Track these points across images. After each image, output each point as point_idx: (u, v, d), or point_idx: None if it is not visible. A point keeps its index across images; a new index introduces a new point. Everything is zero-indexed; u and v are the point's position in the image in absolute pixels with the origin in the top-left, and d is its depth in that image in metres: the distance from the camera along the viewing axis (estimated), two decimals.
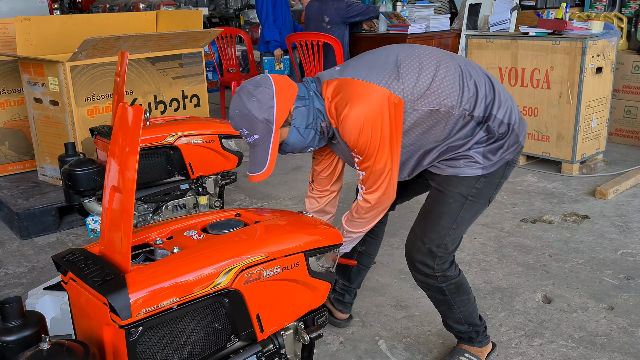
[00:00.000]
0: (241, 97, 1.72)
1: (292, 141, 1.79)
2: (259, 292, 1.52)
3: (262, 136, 1.72)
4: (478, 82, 1.85)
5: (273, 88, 1.72)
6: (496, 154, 1.83)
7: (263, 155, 1.74)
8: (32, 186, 3.76)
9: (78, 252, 1.44)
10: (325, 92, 1.81)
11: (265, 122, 1.70)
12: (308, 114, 1.78)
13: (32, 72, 3.56)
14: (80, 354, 1.22)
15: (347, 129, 1.75)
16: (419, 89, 1.78)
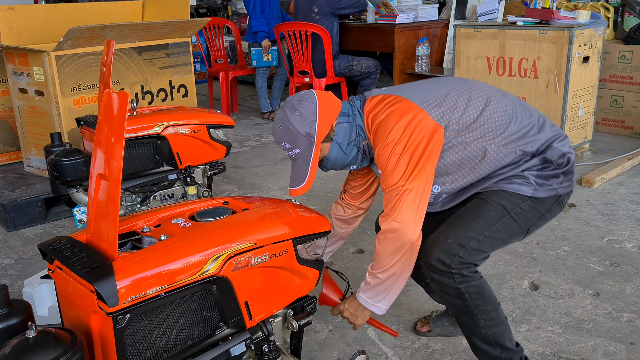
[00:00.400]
0: (285, 111, 1.74)
1: (334, 157, 1.79)
2: (247, 279, 1.52)
3: (303, 150, 1.73)
4: (530, 120, 1.79)
5: (316, 103, 1.74)
6: (550, 180, 1.74)
7: (303, 169, 1.74)
8: (18, 177, 3.72)
9: (64, 240, 1.43)
10: (366, 106, 1.81)
11: (306, 136, 1.72)
12: (350, 130, 1.78)
13: (16, 61, 3.52)
14: (67, 341, 1.21)
15: (378, 136, 1.72)
16: (465, 121, 1.72)
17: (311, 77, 5.11)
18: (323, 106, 1.74)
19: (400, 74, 5.27)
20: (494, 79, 4.30)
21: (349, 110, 1.81)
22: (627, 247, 2.87)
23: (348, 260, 2.86)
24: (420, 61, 5.17)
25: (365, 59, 5.31)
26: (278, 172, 4.28)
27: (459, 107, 1.73)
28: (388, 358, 2.11)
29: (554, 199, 1.76)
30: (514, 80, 4.19)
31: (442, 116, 1.70)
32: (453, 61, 4.58)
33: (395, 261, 1.70)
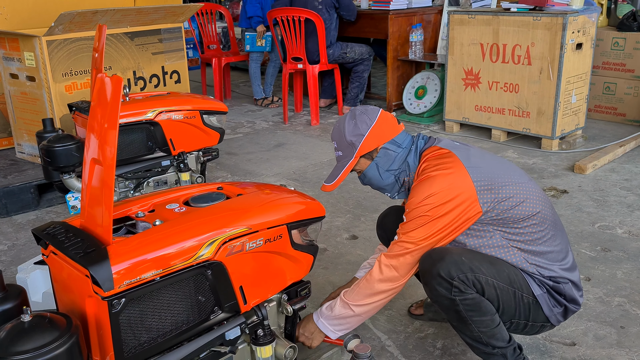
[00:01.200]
0: (347, 115, 1.86)
1: (370, 175, 1.86)
2: (242, 264, 1.52)
3: (344, 155, 1.84)
4: (562, 250, 1.81)
5: (373, 122, 1.81)
6: (553, 302, 1.78)
7: (337, 171, 1.84)
8: (9, 164, 3.70)
9: (58, 225, 1.43)
10: (428, 151, 1.82)
11: (350, 145, 1.81)
12: (394, 160, 1.83)
13: (7, 46, 3.48)
14: (62, 325, 1.22)
15: (422, 185, 1.72)
16: (507, 217, 1.73)
17: (305, 64, 5.10)
18: (379, 127, 1.81)
19: (394, 61, 5.26)
20: (487, 66, 4.30)
21: (404, 143, 1.85)
22: (618, 232, 2.90)
23: (342, 247, 2.87)
24: (414, 47, 5.15)
25: (358, 45, 5.29)
26: (271, 159, 4.28)
27: (510, 203, 1.72)
28: (382, 342, 2.13)
29: (543, 319, 1.78)
30: (507, 67, 4.20)
31: (489, 202, 1.70)
32: (447, 47, 4.57)
33: (377, 300, 1.78)
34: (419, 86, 5.07)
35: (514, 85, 4.20)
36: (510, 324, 1.78)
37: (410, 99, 5.11)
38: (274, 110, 5.78)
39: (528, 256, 1.75)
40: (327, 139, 4.75)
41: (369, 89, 6.18)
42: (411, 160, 1.84)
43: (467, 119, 4.57)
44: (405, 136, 1.87)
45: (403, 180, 1.86)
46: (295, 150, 4.46)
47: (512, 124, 4.30)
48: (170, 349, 1.43)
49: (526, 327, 1.80)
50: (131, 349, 1.35)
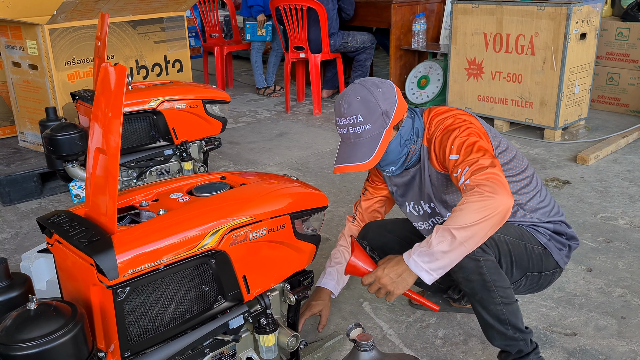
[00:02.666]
0: (365, 86, 1.69)
1: (391, 148, 1.74)
2: (245, 253, 1.53)
3: (375, 128, 1.67)
4: (552, 203, 1.91)
5: (395, 89, 1.73)
6: (559, 245, 1.85)
7: (369, 147, 1.67)
8: (12, 152, 3.70)
9: (63, 214, 1.43)
10: (425, 113, 1.82)
11: (384, 114, 1.67)
12: (411, 129, 1.76)
13: (9, 35, 3.47)
14: (68, 313, 1.23)
15: (444, 123, 1.74)
16: (506, 170, 1.78)
17: (307, 53, 5.08)
18: (399, 95, 1.73)
19: (397, 50, 5.24)
20: (490, 55, 4.28)
21: (410, 112, 1.81)
22: (620, 223, 2.90)
23: None
24: (416, 37, 5.13)
25: (360, 33, 5.27)
26: (274, 148, 4.28)
27: (507, 155, 1.79)
28: (383, 332, 2.14)
29: (554, 265, 1.85)
30: (510, 57, 4.18)
31: (494, 147, 1.75)
32: (450, 37, 4.55)
33: (481, 220, 1.48)
34: (421, 76, 5.06)
35: (517, 75, 4.18)
36: (526, 279, 1.81)
37: (412, 89, 5.09)
38: (276, 100, 5.78)
39: (523, 203, 1.81)
40: (329, 128, 4.74)
41: None
42: (419, 124, 1.78)
43: (469, 109, 4.56)
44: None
45: (408, 154, 1.80)
46: (298, 140, 4.46)
47: (514, 114, 4.29)
48: (174, 337, 1.44)
49: (540, 278, 1.84)
50: (135, 337, 1.36)
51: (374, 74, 6.29)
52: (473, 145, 1.64)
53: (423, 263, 1.51)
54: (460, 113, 1.76)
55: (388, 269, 1.57)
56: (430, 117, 1.79)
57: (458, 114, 1.75)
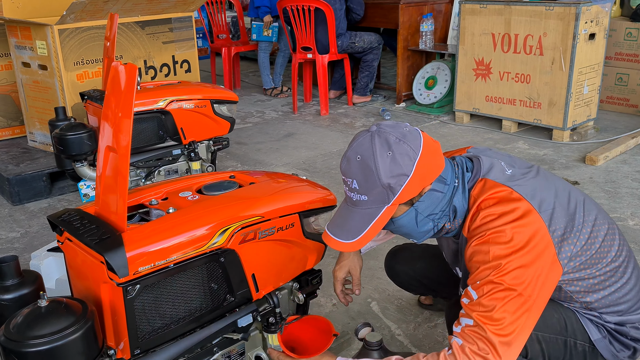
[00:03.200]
0: (374, 142, 1.29)
1: (402, 224, 1.38)
2: (254, 252, 1.54)
3: (372, 202, 1.30)
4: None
5: (418, 153, 1.29)
6: (617, 345, 1.48)
7: (360, 223, 1.32)
8: (22, 152, 3.73)
9: (74, 212, 1.44)
10: (476, 190, 1.38)
11: (386, 188, 1.28)
12: (438, 204, 1.37)
13: (19, 35, 3.50)
14: (78, 311, 1.23)
15: (486, 247, 1.30)
16: (574, 262, 1.38)
17: (314, 54, 5.08)
18: (425, 161, 1.30)
19: (404, 51, 5.24)
20: (498, 56, 4.27)
21: (449, 177, 1.38)
22: (630, 224, 2.88)
23: None
24: (424, 37, 5.13)
25: (367, 34, 5.27)
26: (281, 149, 4.29)
27: (587, 253, 1.38)
28: (392, 331, 2.14)
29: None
30: (519, 57, 4.17)
31: (567, 257, 1.35)
32: (458, 37, 4.54)
33: None
34: (429, 76, 5.05)
35: (525, 75, 4.17)
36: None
37: (420, 90, 5.09)
38: (283, 100, 5.78)
39: (590, 302, 1.44)
40: (337, 129, 4.74)
41: (379, 79, 6.16)
42: (458, 202, 1.39)
43: (477, 110, 4.55)
44: (449, 168, 1.39)
45: (442, 227, 1.42)
46: (305, 140, 4.46)
47: (523, 114, 4.27)
48: (184, 335, 1.45)
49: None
50: (145, 334, 1.36)
51: (381, 75, 6.29)
52: (501, 301, 1.25)
53: None
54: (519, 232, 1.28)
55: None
56: (478, 204, 1.36)
57: (515, 233, 1.28)
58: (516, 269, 1.25)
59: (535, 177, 1.43)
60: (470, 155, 1.49)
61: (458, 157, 1.47)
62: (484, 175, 1.40)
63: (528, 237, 1.28)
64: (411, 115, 5.02)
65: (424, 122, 4.83)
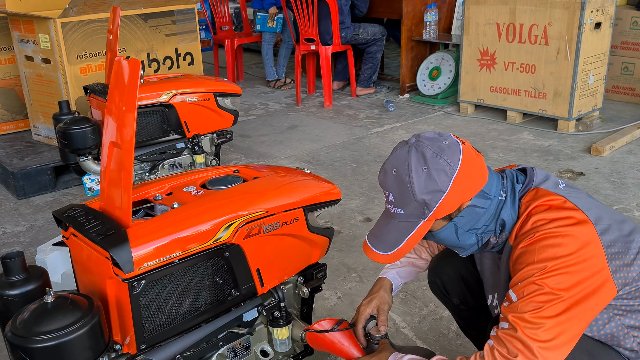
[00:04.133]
0: (410, 156, 1.26)
1: (442, 237, 1.34)
2: (259, 246, 1.53)
3: (408, 216, 1.28)
4: None
5: (456, 169, 1.24)
6: None
7: (397, 235, 1.30)
8: (26, 146, 3.73)
9: (78, 208, 1.44)
10: (528, 198, 1.31)
11: (422, 204, 1.25)
12: (480, 218, 1.31)
13: (22, 29, 3.49)
14: (84, 306, 1.23)
15: (536, 249, 1.22)
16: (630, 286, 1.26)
17: (317, 45, 5.06)
18: (463, 177, 1.25)
19: (408, 41, 5.21)
20: (503, 46, 4.24)
21: (493, 191, 1.31)
22: (636, 215, 2.87)
23: (356, 229, 2.88)
24: (428, 28, 5.10)
25: (371, 25, 5.24)
26: (285, 141, 4.28)
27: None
28: (396, 324, 2.14)
29: None
30: (523, 47, 4.14)
31: (623, 276, 1.24)
32: (462, 28, 4.51)
33: None
34: (433, 67, 5.03)
35: (530, 65, 4.14)
36: None
37: (424, 80, 5.07)
38: (287, 92, 5.77)
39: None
40: (341, 120, 4.73)
41: (382, 70, 6.13)
42: (507, 215, 1.31)
43: (481, 101, 4.53)
44: (495, 182, 1.32)
45: (487, 241, 1.35)
46: (309, 132, 4.46)
47: (528, 105, 4.25)
48: (189, 330, 1.45)
49: None
50: (151, 329, 1.37)
51: (384, 66, 6.26)
52: (540, 304, 1.17)
53: None
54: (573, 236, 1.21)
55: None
56: (529, 210, 1.29)
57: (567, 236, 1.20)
58: (563, 273, 1.17)
59: (590, 197, 1.36)
60: (522, 167, 1.43)
61: (508, 170, 1.41)
62: (537, 185, 1.33)
63: (581, 244, 1.20)
64: (415, 107, 5.00)
65: (428, 113, 4.81)
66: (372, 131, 4.41)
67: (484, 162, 1.33)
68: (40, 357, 1.16)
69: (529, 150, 3.79)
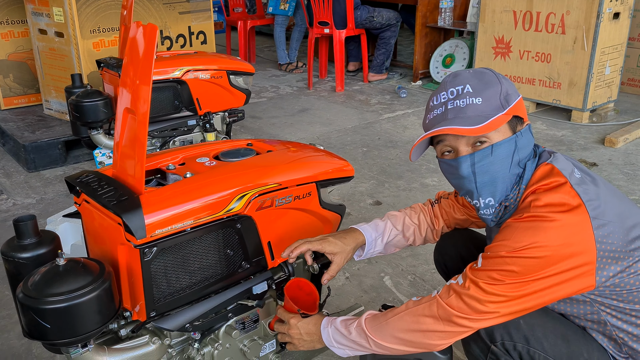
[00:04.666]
0: (482, 68, 1.31)
1: (500, 152, 1.24)
2: (270, 219, 1.52)
3: (486, 106, 1.23)
4: None
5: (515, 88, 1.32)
6: None
7: (479, 112, 1.23)
8: (37, 120, 3.73)
9: (91, 174, 1.43)
10: (539, 173, 1.27)
11: (504, 95, 1.24)
12: (528, 147, 1.28)
13: (36, 2, 3.48)
14: (96, 270, 1.23)
15: (520, 227, 1.19)
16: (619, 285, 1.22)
17: (331, 28, 5.02)
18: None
19: (422, 27, 5.16)
20: (519, 34, 4.19)
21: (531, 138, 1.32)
22: None
23: (365, 212, 2.86)
24: (443, 14, 5.04)
25: (386, 10, 5.20)
26: (295, 124, 4.26)
27: None
28: None
29: None
30: (539, 36, 4.09)
31: (611, 277, 1.19)
32: (478, 15, 4.46)
33: (401, 348, 1.31)
34: (447, 54, 4.98)
35: (545, 54, 4.09)
36: None
37: (437, 67, 5.02)
38: (298, 76, 5.74)
39: (631, 344, 1.27)
40: (352, 105, 4.70)
41: (395, 57, 6.08)
42: (529, 168, 1.28)
43: None
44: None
45: (512, 197, 1.28)
46: (320, 116, 4.43)
47: (542, 94, 4.21)
48: (199, 299, 1.45)
49: None
50: (161, 297, 1.36)
51: (397, 53, 6.21)
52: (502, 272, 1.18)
53: (335, 341, 1.39)
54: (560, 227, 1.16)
55: (303, 325, 1.44)
56: (534, 187, 1.24)
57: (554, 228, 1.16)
58: (535, 258, 1.15)
59: (607, 192, 1.26)
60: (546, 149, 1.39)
61: None
62: (550, 160, 1.28)
63: (566, 236, 1.15)
64: (427, 94, 4.96)
65: None
66: (383, 116, 4.38)
67: None
68: (51, 318, 1.16)
69: (542, 140, 3.76)
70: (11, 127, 3.60)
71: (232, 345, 1.56)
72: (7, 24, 3.85)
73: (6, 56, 3.89)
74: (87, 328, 1.20)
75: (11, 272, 1.36)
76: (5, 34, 3.86)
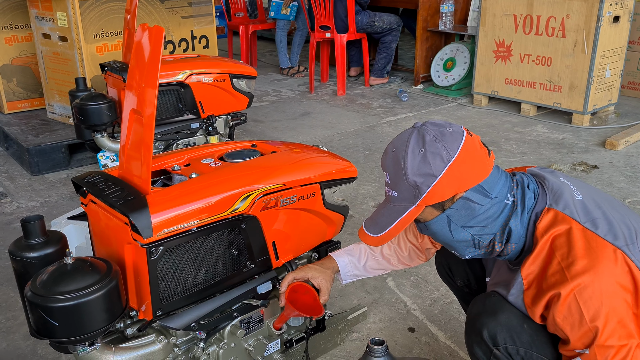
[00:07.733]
0: (411, 137, 1.24)
1: (435, 230, 1.29)
2: (275, 219, 1.54)
3: (401, 199, 1.24)
4: None
5: (453, 156, 1.20)
6: None
7: (388, 219, 1.27)
8: (41, 123, 3.75)
9: (98, 175, 1.45)
10: (545, 223, 1.23)
11: (413, 187, 1.22)
12: (476, 215, 1.25)
13: (39, 6, 3.50)
14: (103, 269, 1.24)
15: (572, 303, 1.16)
16: None
17: (332, 33, 5.05)
18: (460, 165, 1.20)
19: (423, 32, 5.18)
20: (520, 38, 4.21)
21: (496, 190, 1.25)
22: None
23: (368, 214, 2.88)
24: (444, 19, 5.07)
25: (387, 15, 5.22)
26: (297, 127, 4.28)
27: None
28: (407, 307, 2.15)
29: None
30: (540, 39, 4.11)
31: None
32: (478, 19, 4.49)
33: None
34: (447, 58, 5.00)
35: (546, 58, 4.11)
36: None
37: (438, 71, 5.04)
38: (300, 80, 5.76)
39: None
40: (353, 109, 4.72)
41: (396, 61, 6.11)
42: (515, 225, 1.26)
43: (496, 93, 4.51)
44: (498, 178, 1.26)
45: (492, 246, 1.29)
46: (321, 120, 4.45)
47: (542, 98, 4.22)
48: (205, 299, 1.46)
49: None
50: (167, 296, 1.38)
51: (398, 57, 6.23)
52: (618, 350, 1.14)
53: None
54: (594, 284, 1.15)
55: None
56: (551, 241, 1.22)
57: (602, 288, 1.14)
58: (619, 322, 1.13)
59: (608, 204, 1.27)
60: (534, 172, 1.35)
61: (519, 173, 1.33)
62: (552, 204, 1.25)
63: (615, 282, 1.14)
64: (429, 97, 4.98)
65: (442, 104, 4.79)
66: (385, 120, 4.40)
67: (490, 158, 1.26)
68: (59, 316, 1.17)
69: (543, 143, 3.77)
70: (15, 131, 3.62)
71: (237, 344, 1.58)
72: (11, 29, 3.87)
73: (10, 60, 3.91)
74: (95, 326, 1.22)
75: (19, 271, 1.37)
76: (9, 39, 3.88)
